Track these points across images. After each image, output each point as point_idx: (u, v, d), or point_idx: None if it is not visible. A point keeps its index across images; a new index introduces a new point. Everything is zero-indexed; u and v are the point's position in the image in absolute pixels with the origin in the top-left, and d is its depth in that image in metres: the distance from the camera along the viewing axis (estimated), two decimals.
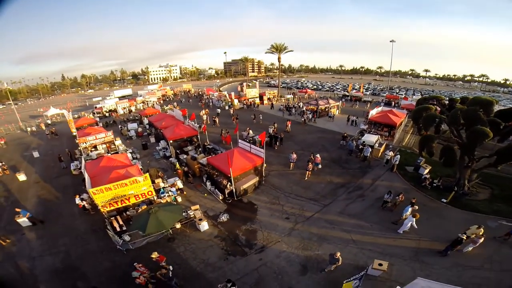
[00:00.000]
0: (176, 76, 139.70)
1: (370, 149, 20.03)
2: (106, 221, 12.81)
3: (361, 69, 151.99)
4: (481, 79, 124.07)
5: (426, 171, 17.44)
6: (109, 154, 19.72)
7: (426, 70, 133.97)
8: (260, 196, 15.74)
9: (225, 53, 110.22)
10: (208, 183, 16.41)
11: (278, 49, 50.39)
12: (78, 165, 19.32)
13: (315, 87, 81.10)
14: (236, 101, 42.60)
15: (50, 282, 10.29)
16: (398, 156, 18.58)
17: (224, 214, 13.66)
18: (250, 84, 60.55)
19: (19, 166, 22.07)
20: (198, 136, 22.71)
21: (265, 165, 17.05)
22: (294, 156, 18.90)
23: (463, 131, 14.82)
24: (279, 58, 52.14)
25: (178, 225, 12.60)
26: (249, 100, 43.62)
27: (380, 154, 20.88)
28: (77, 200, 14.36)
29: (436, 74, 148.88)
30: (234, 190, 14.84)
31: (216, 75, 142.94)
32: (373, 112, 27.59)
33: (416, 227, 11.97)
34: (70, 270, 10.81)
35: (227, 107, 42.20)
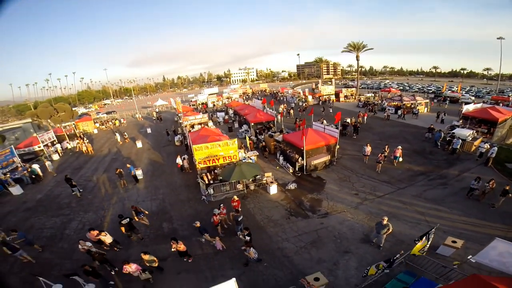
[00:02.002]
0: (253, 78, 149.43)
1: (460, 141, 17.88)
2: (198, 176, 16.02)
3: (461, 72, 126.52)
4: None
5: None
6: None
7: None
8: (330, 173, 16.44)
9: (298, 55, 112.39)
10: (281, 158, 18.20)
11: (356, 47, 48.50)
12: (181, 138, 24.28)
13: (401, 88, 73.03)
14: (310, 97, 43.39)
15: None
16: (495, 148, 15.99)
17: (293, 183, 15.04)
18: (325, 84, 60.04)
19: (136, 138, 28.92)
20: (275, 122, 25.04)
21: (338, 146, 17.64)
22: (369, 149, 17.14)
23: None
24: (357, 57, 50.08)
25: (252, 187, 14.78)
26: (324, 96, 43.66)
27: (473, 148, 18.29)
28: (178, 159, 18.43)
29: None
30: (304, 164, 16.09)
31: (289, 77, 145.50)
32: (469, 108, 24.06)
33: None
34: (161, 213, 13.65)
35: (300, 103, 43.54)
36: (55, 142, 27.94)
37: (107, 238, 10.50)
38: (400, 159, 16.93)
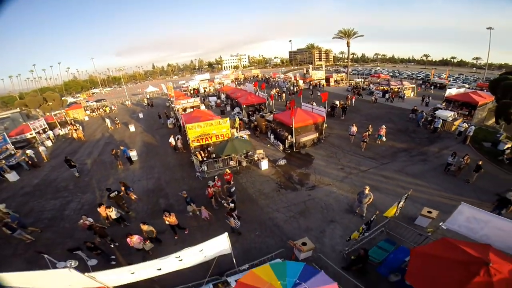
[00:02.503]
0: (245, 64, 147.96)
1: (441, 121, 18.96)
2: (192, 154, 16.55)
3: (451, 60, 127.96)
4: None
5: (507, 146, 15.63)
6: None
7: None
8: (318, 150, 17.35)
9: (290, 41, 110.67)
10: (271, 137, 18.99)
11: (346, 34, 48.68)
12: (173, 121, 24.63)
13: (391, 74, 74.04)
14: (301, 82, 43.89)
15: (142, 196, 13.65)
16: (473, 127, 17.08)
17: (283, 160, 15.87)
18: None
19: (128, 123, 29.07)
20: (266, 105, 25.64)
21: (325, 125, 18.48)
22: (354, 128, 17.83)
23: None
24: (348, 43, 50.32)
25: (244, 163, 15.55)
26: (315, 81, 44.22)
27: (453, 128, 19.41)
28: (171, 139, 19.02)
29: None
30: (294, 142, 16.89)
31: (281, 63, 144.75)
32: (452, 92, 25.15)
33: None
34: (157, 190, 14.19)
35: (291, 88, 43.99)
36: (46, 130, 27.83)
37: (113, 214, 10.99)
38: (384, 138, 17.84)
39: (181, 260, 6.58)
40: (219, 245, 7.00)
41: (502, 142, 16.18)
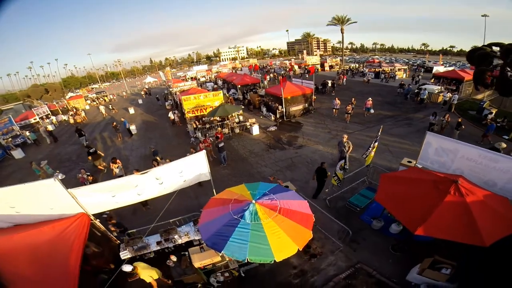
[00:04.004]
0: (243, 56, 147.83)
1: (427, 92, 19.79)
2: (187, 125, 17.46)
3: (450, 50, 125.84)
4: None
5: (492, 111, 16.34)
6: None
7: None
8: (308, 119, 18.39)
9: (287, 31, 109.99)
10: (264, 109, 19.97)
11: (340, 20, 49.17)
12: (171, 102, 25.63)
13: (388, 61, 74.16)
14: (296, 67, 44.64)
15: (137, 161, 14.65)
16: (456, 95, 18.00)
17: (273, 126, 16.94)
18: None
19: (128, 107, 29.75)
20: (260, 84, 26.66)
21: (314, 97, 19.39)
22: (337, 102, 18.28)
23: None
24: (342, 30, 50.85)
25: (237, 130, 16.61)
26: (310, 66, 44.90)
27: (440, 99, 20.24)
28: (170, 114, 20.18)
29: None
30: (284, 111, 17.83)
31: (280, 54, 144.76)
32: (440, 69, 25.92)
33: None
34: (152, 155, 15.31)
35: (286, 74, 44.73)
36: (49, 115, 28.82)
37: (117, 170, 11.58)
38: (372, 111, 18.39)
39: (162, 183, 6.73)
40: (198, 166, 7.20)
41: (486, 109, 17.10)
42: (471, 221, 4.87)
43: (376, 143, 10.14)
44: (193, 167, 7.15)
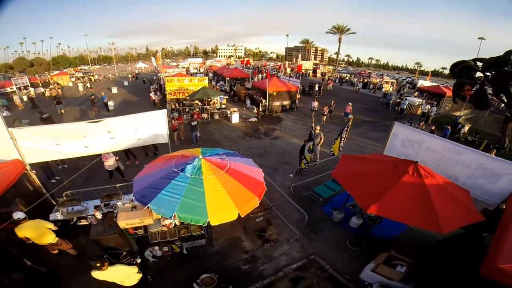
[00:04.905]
0: (240, 55, 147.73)
1: (407, 102, 20.39)
2: (167, 103, 17.12)
3: (442, 71, 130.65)
4: None
5: (466, 126, 17.13)
6: None
7: None
8: (289, 115, 18.54)
9: (287, 35, 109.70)
10: (248, 102, 19.95)
11: (339, 29, 50.07)
12: (156, 86, 25.21)
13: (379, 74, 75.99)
14: (288, 70, 44.95)
15: None
16: (435, 108, 18.65)
17: (254, 118, 16.98)
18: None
19: (112, 87, 28.99)
20: (249, 79, 26.66)
21: (298, 96, 19.57)
22: (315, 104, 17.63)
23: None
24: (339, 39, 51.76)
25: (216, 116, 16.53)
26: (302, 70, 45.38)
27: (419, 111, 20.88)
28: (151, 94, 19.96)
29: None
30: (267, 105, 17.87)
31: (277, 58, 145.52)
32: (424, 83, 26.80)
33: None
34: None
35: (279, 74, 45.04)
36: (28, 87, 27.63)
37: None
38: (350, 116, 18.44)
39: (113, 137, 6.13)
40: (156, 125, 6.71)
41: (460, 123, 17.76)
42: (429, 205, 4.57)
43: (344, 135, 10.28)
44: (151, 126, 6.72)
